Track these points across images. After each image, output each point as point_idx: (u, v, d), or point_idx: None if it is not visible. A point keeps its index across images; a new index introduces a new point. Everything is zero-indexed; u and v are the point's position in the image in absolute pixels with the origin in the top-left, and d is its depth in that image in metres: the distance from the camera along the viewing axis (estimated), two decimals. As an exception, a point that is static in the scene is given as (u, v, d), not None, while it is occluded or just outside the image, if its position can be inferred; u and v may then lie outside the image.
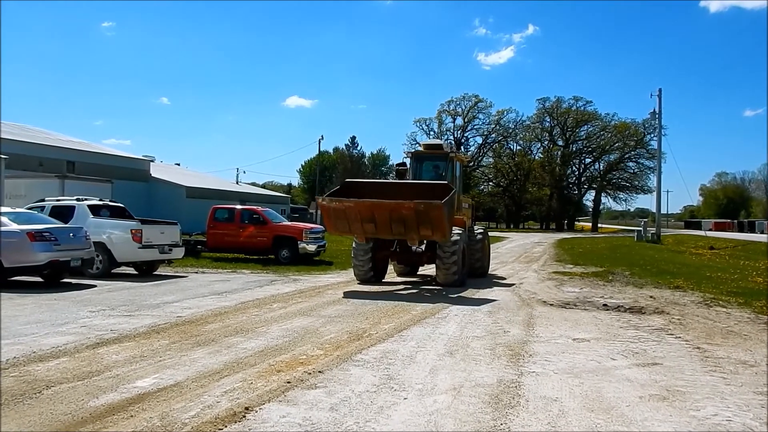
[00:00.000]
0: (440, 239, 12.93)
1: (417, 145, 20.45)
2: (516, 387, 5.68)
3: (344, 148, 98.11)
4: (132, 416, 4.69)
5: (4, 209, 14.24)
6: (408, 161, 16.84)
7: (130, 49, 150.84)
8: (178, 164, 64.73)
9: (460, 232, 13.93)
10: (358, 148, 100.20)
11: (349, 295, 12.27)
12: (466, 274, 14.52)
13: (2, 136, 29.40)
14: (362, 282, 14.33)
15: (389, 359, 6.68)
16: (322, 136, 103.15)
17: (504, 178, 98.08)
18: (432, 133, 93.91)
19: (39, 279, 13.60)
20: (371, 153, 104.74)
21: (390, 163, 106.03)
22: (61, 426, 4.47)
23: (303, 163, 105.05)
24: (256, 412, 4.83)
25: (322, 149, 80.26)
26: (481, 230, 17.03)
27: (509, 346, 7.48)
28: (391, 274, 16.33)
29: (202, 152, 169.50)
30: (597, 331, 8.69)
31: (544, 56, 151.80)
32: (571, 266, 20.77)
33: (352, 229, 12.97)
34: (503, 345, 7.56)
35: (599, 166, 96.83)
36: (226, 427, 4.49)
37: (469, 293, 12.83)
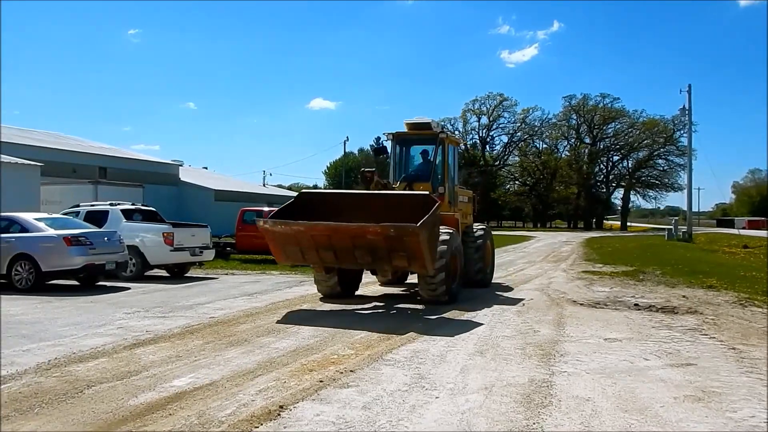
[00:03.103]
0: (419, 270, 9.94)
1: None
2: (548, 387, 5.67)
3: (369, 148, 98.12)
4: (171, 414, 4.81)
5: (41, 215, 14.64)
6: (389, 145, 13.65)
7: (155, 55, 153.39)
8: (206, 168, 65.53)
9: (450, 234, 10.98)
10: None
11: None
12: (458, 286, 11.59)
13: (38, 145, 30.18)
14: (328, 297, 11.48)
15: (420, 358, 6.73)
16: (347, 137, 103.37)
17: (530, 177, 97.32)
18: (457, 132, 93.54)
19: (75, 282, 13.94)
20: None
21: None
22: (103, 424, 4.61)
23: (328, 165, 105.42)
24: (291, 410, 4.92)
25: (347, 150, 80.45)
26: (483, 229, 14.02)
27: (540, 346, 7.46)
28: (370, 285, 13.65)
29: (228, 155, 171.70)
30: (629, 330, 8.61)
31: (570, 53, 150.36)
32: (601, 265, 20.54)
33: (307, 258, 10.21)
34: (534, 345, 7.54)
35: (628, 163, 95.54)
36: (262, 425, 4.58)
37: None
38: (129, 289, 13.44)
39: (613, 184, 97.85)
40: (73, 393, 5.43)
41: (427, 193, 11.12)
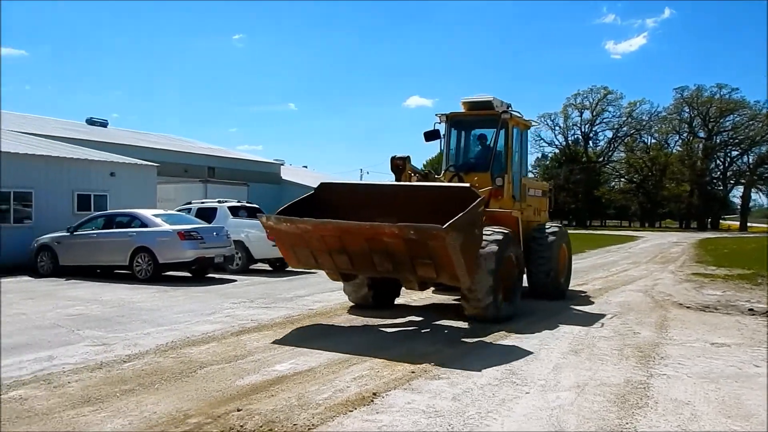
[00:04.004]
0: (451, 282, 8.00)
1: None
2: (644, 388, 5.52)
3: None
4: (273, 395, 5.16)
5: (158, 212, 15.89)
6: (442, 128, 11.37)
7: (258, 59, 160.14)
8: (306, 167, 67.71)
9: (503, 235, 8.77)
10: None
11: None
12: (516, 301, 9.31)
13: (154, 147, 32.61)
14: (359, 306, 9.97)
15: (511, 355, 6.74)
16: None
17: (637, 174, 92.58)
18: (557, 128, 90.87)
19: (188, 274, 15.01)
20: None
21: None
22: (213, 401, 5.03)
23: (425, 162, 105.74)
24: (383, 397, 5.13)
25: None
26: (556, 229, 11.53)
27: (639, 348, 7.23)
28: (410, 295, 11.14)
29: (327, 154, 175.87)
30: (740, 336, 8.13)
31: (682, 41, 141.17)
32: (714, 268, 19.32)
33: (320, 262, 8.51)
34: (632, 346, 7.32)
35: (748, 159, 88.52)
36: (356, 409, 4.82)
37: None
38: (235, 281, 14.29)
39: (732, 182, 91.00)
40: (187, 372, 5.94)
41: (468, 185, 8.76)
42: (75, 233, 15.07)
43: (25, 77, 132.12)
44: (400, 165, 9.53)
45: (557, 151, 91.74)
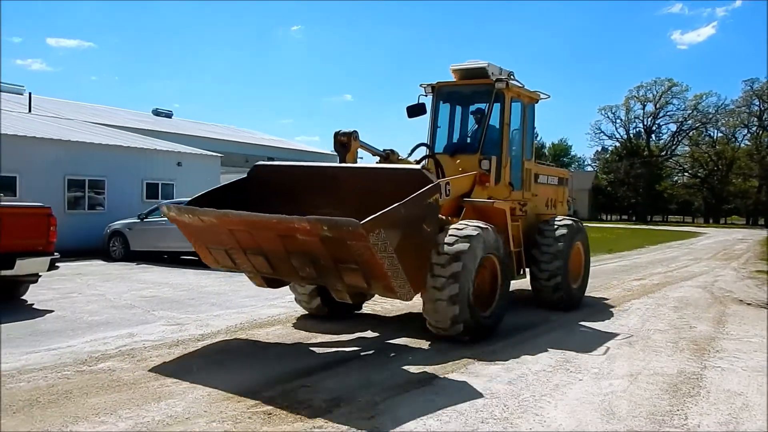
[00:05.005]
0: (385, 295, 6.28)
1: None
2: (697, 379, 5.62)
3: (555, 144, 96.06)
4: (337, 375, 5.53)
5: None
6: (428, 101, 9.38)
7: (315, 50, 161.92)
8: (362, 158, 68.29)
9: (478, 230, 6.78)
10: (538, 138, 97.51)
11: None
12: (498, 312, 7.28)
13: (217, 138, 33.79)
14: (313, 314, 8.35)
15: (565, 345, 6.90)
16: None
17: (702, 168, 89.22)
18: (618, 120, 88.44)
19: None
20: (551, 143, 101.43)
21: (572, 153, 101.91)
22: (279, 378, 5.43)
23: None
24: (441, 379, 5.42)
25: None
26: (568, 222, 9.31)
27: (694, 341, 7.27)
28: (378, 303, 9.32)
29: (382, 145, 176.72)
30: (801, 333, 8.02)
31: (753, 31, 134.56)
32: (779, 265, 18.69)
33: (237, 263, 6.93)
34: (687, 339, 7.36)
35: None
36: (412, 390, 5.12)
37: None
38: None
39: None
40: (256, 352, 6.39)
41: (419, 167, 7.33)
42: (145, 220, 15.94)
43: (93, 68, 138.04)
44: (344, 142, 7.58)
45: (618, 144, 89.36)
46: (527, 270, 9.00)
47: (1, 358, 6.03)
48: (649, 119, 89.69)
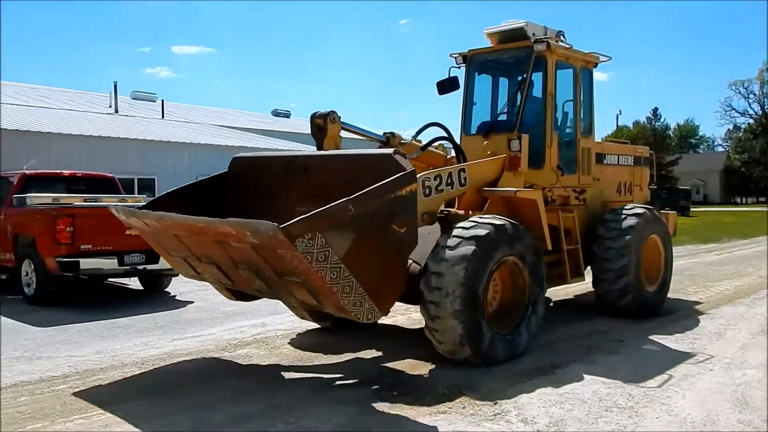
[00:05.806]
0: (339, 314, 5.09)
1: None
2: None
3: (645, 120, 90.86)
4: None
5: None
6: (461, 74, 8.00)
7: (423, 42, 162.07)
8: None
9: (489, 227, 5.53)
10: (662, 119, 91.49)
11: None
12: (528, 330, 5.88)
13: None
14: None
15: (695, 335, 6.64)
16: (620, 111, 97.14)
17: None
18: (752, 96, 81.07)
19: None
20: (677, 124, 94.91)
21: (699, 134, 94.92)
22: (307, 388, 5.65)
23: (600, 140, 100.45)
24: (562, 368, 5.43)
25: (620, 124, 75.53)
26: (640, 211, 7.58)
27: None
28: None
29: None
30: None
31: None
32: None
33: (199, 272, 5.95)
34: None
35: None
36: (535, 377, 5.18)
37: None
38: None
39: None
40: (388, 334, 6.68)
41: (390, 151, 5.31)
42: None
43: (215, 73, 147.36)
44: (321, 125, 6.26)
45: (752, 121, 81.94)
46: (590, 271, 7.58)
47: (0, 366, 6.68)
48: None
